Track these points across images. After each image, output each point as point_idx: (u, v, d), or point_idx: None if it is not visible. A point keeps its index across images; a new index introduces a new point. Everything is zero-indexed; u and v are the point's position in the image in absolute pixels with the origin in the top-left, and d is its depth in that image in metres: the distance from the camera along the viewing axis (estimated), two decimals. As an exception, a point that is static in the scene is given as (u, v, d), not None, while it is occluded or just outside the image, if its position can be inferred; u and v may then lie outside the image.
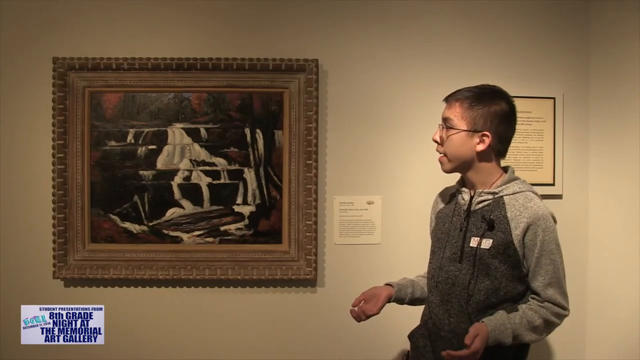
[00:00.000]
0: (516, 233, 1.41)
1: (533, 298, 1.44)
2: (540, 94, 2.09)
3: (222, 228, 2.06)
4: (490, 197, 1.47)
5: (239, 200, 2.05)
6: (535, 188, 1.54)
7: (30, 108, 2.03)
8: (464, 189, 1.54)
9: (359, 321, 1.59)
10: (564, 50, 2.11)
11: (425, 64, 2.08)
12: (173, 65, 2.00)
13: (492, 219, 1.43)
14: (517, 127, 2.09)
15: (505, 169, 1.53)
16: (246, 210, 2.06)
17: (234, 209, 2.06)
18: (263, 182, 2.05)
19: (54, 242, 2.00)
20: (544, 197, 2.07)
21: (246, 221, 2.06)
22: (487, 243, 1.43)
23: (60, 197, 1.99)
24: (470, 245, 1.45)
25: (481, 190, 1.49)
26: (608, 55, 2.04)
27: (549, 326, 1.43)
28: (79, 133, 2.01)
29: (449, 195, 1.64)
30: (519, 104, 2.04)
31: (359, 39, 2.08)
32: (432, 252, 1.59)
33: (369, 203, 2.08)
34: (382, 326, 1.98)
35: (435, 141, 1.51)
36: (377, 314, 1.58)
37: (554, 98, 2.09)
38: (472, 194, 1.51)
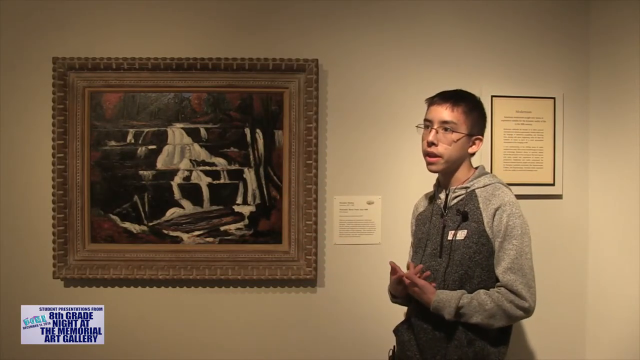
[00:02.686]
0: (487, 220, 1.49)
1: (497, 285, 1.48)
2: (540, 94, 2.09)
3: (222, 228, 2.06)
4: (463, 191, 1.55)
5: (239, 200, 2.05)
6: (536, 188, 1.57)
7: (30, 108, 2.03)
8: (440, 188, 1.63)
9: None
10: (564, 50, 2.11)
11: (425, 64, 2.08)
12: (173, 65, 2.00)
13: (466, 211, 1.51)
14: (518, 126, 2.12)
15: (477, 168, 1.61)
16: (246, 210, 2.06)
17: (234, 209, 2.06)
18: (263, 182, 2.05)
19: (54, 242, 2.00)
20: (544, 197, 2.10)
21: (246, 221, 2.06)
22: (462, 234, 1.50)
23: (60, 197, 1.99)
24: (448, 239, 1.52)
25: (455, 187, 1.57)
26: (608, 55, 2.04)
27: (505, 314, 1.44)
28: (79, 133, 2.01)
29: (427, 199, 1.72)
30: (519, 104, 2.07)
31: (359, 39, 2.08)
32: (415, 253, 1.66)
33: (369, 203, 2.08)
34: (382, 326, 1.98)
35: (432, 143, 1.53)
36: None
37: (554, 98, 2.09)
38: (447, 192, 1.59)
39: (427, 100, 1.61)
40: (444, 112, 1.52)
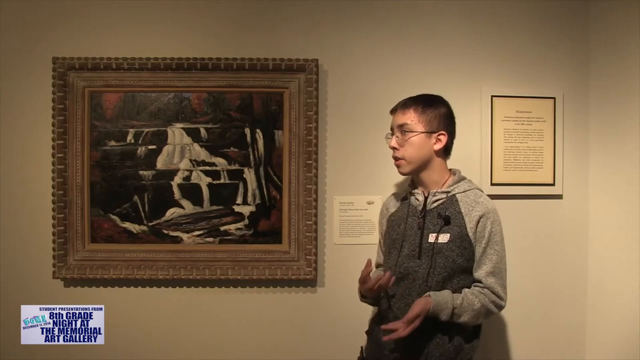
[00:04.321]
0: (470, 226, 1.55)
1: (475, 285, 1.56)
2: (540, 94, 2.09)
3: (222, 228, 2.06)
4: (444, 195, 1.60)
5: (239, 200, 2.05)
6: (536, 188, 1.56)
7: (30, 108, 2.03)
8: (416, 190, 1.66)
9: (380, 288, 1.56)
10: (564, 50, 2.11)
11: (425, 64, 2.08)
12: (173, 65, 2.00)
13: (448, 215, 1.56)
14: (518, 126, 2.14)
15: (452, 171, 1.67)
16: (246, 210, 2.06)
17: (233, 209, 2.06)
18: (263, 182, 2.05)
19: (54, 242, 2.00)
20: (544, 197, 2.10)
21: (246, 221, 2.06)
22: (444, 237, 1.55)
23: (60, 197, 1.99)
24: (429, 241, 1.57)
25: (435, 190, 1.62)
26: (608, 55, 2.04)
27: (486, 313, 1.55)
28: (79, 133, 2.01)
29: (399, 199, 1.76)
30: (519, 104, 2.08)
31: (359, 39, 2.08)
32: (388, 253, 1.69)
33: (369, 203, 2.08)
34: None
35: (394, 147, 1.63)
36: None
37: (554, 98, 2.09)
38: (426, 195, 1.63)
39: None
40: (397, 117, 1.64)
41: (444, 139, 1.60)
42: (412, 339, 1.51)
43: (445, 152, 1.64)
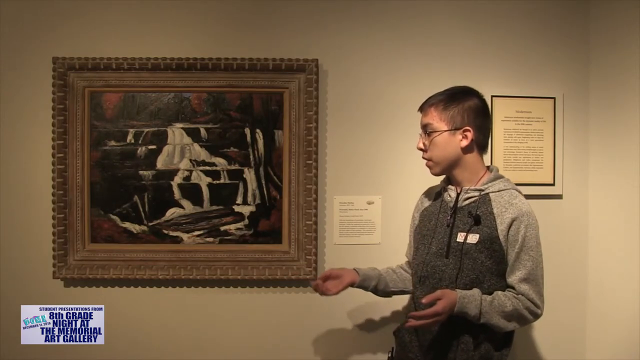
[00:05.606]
0: (501, 228, 1.46)
1: (509, 291, 1.48)
2: (540, 94, 2.09)
3: (222, 228, 2.06)
4: (476, 193, 1.52)
5: (239, 200, 2.06)
6: (536, 188, 1.55)
7: (30, 108, 2.03)
8: (450, 186, 1.59)
9: (320, 294, 1.69)
10: (564, 50, 2.11)
11: (425, 64, 2.08)
12: (173, 65, 2.00)
13: (479, 215, 1.48)
14: (517, 127, 2.12)
15: (489, 168, 1.58)
16: (246, 210, 2.06)
17: (234, 209, 2.06)
18: (263, 182, 2.05)
19: (53, 242, 2.00)
20: (544, 197, 2.10)
21: (246, 221, 2.06)
22: (473, 238, 1.47)
23: (60, 197, 1.99)
24: (457, 240, 1.50)
25: (468, 187, 1.54)
26: (608, 55, 2.04)
27: (519, 318, 1.46)
28: (79, 133, 2.01)
29: (434, 194, 1.69)
30: (519, 104, 2.08)
31: (359, 39, 2.08)
32: (416, 249, 1.64)
33: (369, 203, 2.08)
34: (382, 326, 1.98)
35: (420, 149, 1.57)
36: (335, 294, 1.67)
37: (554, 98, 2.09)
38: (458, 191, 1.55)
39: None
40: (422, 117, 1.58)
41: (469, 135, 1.49)
42: (436, 342, 1.48)
43: (477, 147, 1.53)
